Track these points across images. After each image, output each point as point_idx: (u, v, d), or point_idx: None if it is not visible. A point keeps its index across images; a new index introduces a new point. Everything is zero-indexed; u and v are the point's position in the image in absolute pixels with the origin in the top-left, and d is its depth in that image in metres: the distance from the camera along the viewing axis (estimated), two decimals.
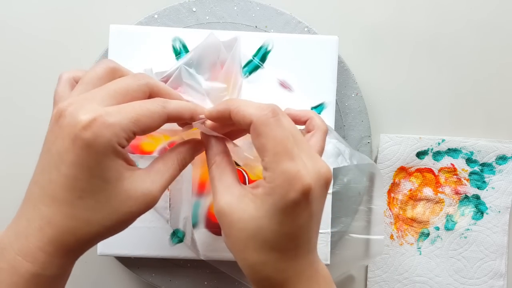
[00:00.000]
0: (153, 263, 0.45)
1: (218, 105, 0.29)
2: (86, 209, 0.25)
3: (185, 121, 0.30)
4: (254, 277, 0.28)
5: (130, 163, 0.27)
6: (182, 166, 0.30)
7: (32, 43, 0.47)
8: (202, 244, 0.41)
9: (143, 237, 0.42)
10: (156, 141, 0.38)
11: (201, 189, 0.41)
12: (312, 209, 0.27)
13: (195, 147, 0.32)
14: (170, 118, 0.28)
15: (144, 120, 0.26)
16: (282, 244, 0.27)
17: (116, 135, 0.25)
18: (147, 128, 0.27)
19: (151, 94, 0.28)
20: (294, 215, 0.26)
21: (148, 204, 0.27)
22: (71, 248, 0.26)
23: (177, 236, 0.42)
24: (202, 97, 0.34)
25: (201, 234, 0.41)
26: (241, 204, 0.27)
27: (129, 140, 0.26)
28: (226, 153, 0.30)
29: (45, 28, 0.47)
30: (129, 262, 0.44)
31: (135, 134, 0.26)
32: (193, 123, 0.31)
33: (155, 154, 0.39)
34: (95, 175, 0.25)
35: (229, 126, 0.31)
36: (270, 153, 0.26)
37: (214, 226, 0.42)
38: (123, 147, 0.26)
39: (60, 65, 0.47)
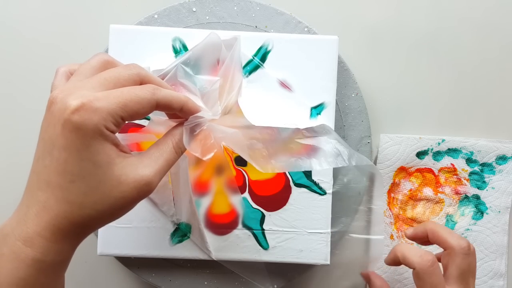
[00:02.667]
0: (153, 263, 0.45)
1: (390, 254, 0.40)
2: (78, 193, 0.26)
3: (174, 111, 0.30)
4: None
5: (123, 150, 0.28)
6: (179, 149, 0.30)
7: (32, 43, 0.47)
8: (208, 239, 0.41)
9: (143, 237, 0.42)
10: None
11: (200, 189, 0.41)
12: None
13: None
14: (159, 106, 0.28)
15: (132, 105, 0.26)
16: None
17: (103, 119, 0.25)
18: (134, 113, 0.27)
19: (142, 84, 0.29)
20: None
21: (142, 189, 0.27)
22: (67, 232, 0.27)
23: (178, 236, 0.42)
24: (195, 98, 0.34)
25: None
26: None
27: (117, 124, 0.26)
28: (386, 285, 0.43)
29: (45, 28, 0.47)
30: (129, 262, 0.44)
31: (123, 119, 0.26)
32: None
33: None
34: (84, 158, 0.25)
35: None
36: None
37: (214, 226, 0.42)
38: (112, 131, 0.26)
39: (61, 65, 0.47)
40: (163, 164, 0.29)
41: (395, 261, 0.39)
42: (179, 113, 0.30)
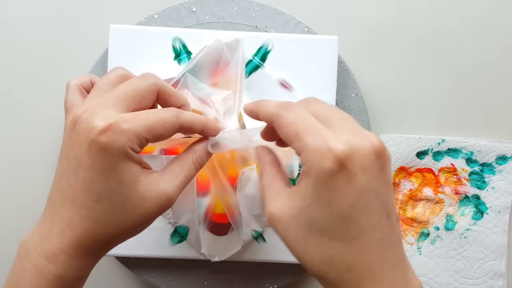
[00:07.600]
0: (153, 263, 0.44)
1: (251, 104, 0.30)
2: (103, 212, 0.26)
3: (195, 133, 0.31)
4: (328, 282, 0.25)
5: (145, 166, 0.28)
6: (198, 165, 0.31)
7: (32, 43, 0.47)
8: (202, 243, 0.41)
9: (143, 237, 0.42)
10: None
11: (200, 189, 0.41)
12: (359, 182, 0.24)
13: None
14: (182, 129, 0.29)
15: (156, 128, 0.27)
16: (340, 230, 0.24)
17: (130, 140, 0.26)
18: (159, 136, 0.27)
19: (159, 93, 0.29)
20: (339, 190, 0.24)
21: (163, 204, 0.28)
22: (90, 249, 0.27)
23: (178, 236, 0.42)
24: (209, 110, 0.35)
25: (201, 234, 0.41)
26: (291, 202, 0.26)
27: (141, 146, 0.27)
28: (276, 162, 0.30)
29: (45, 28, 0.47)
30: (129, 262, 0.44)
31: (147, 140, 0.27)
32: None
33: (155, 153, 0.39)
34: (110, 178, 0.26)
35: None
36: (293, 136, 0.25)
37: (213, 226, 0.42)
38: (136, 152, 0.27)
39: (61, 65, 0.47)
40: (183, 179, 0.29)
41: (251, 111, 0.30)
42: (200, 134, 0.31)
